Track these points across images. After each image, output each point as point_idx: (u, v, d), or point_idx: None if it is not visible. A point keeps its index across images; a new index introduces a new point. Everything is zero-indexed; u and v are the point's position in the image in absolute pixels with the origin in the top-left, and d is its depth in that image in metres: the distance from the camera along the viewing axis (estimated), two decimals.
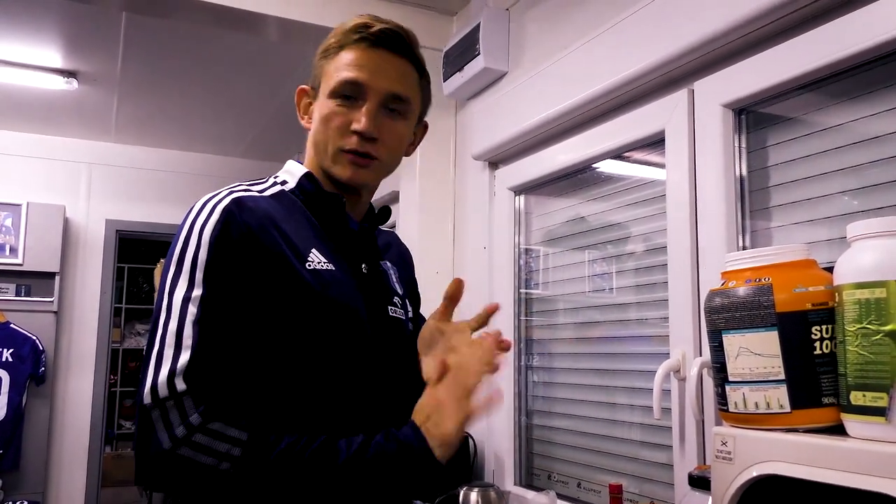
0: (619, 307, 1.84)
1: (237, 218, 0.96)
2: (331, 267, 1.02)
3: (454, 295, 1.08)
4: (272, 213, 1.00)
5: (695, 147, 1.53)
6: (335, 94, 1.05)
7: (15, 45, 3.22)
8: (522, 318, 2.20)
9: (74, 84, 3.58)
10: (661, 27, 1.59)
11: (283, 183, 1.10)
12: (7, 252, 4.21)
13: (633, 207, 1.81)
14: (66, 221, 4.43)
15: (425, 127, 1.23)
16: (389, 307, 1.14)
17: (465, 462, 2.22)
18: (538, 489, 2.01)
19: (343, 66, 1.05)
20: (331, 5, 2.43)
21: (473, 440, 2.26)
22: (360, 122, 1.03)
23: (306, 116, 1.13)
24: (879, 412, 0.83)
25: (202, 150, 4.87)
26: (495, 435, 2.19)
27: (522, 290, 2.21)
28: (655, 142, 1.67)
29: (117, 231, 4.64)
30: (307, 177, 1.10)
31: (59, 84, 3.56)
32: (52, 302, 4.30)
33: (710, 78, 1.51)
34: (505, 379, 2.16)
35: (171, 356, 0.88)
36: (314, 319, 0.98)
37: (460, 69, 2.38)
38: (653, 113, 1.66)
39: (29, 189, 4.41)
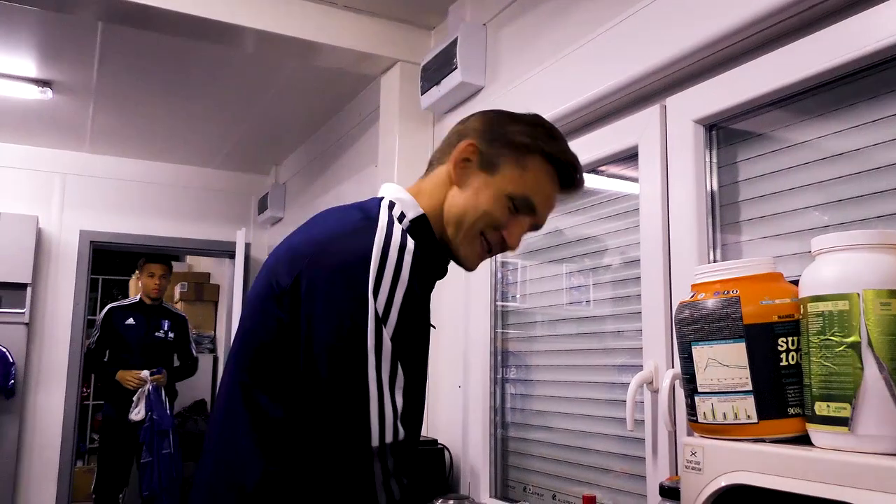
0: (595, 319, 1.86)
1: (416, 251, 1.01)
2: (433, 323, 1.10)
3: None
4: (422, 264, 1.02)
5: (667, 162, 1.56)
6: (514, 199, 1.07)
7: None
8: (499, 330, 2.21)
9: (49, 93, 3.54)
10: (634, 44, 1.62)
11: (401, 218, 1.06)
12: None
13: (608, 221, 1.83)
14: (38, 232, 4.37)
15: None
16: None
17: (438, 474, 2.21)
18: (513, 501, 2.02)
19: (535, 185, 1.08)
20: (308, 19, 2.44)
21: (449, 452, 2.26)
22: (513, 238, 1.09)
23: (463, 174, 1.09)
24: (843, 422, 0.84)
25: (178, 161, 4.84)
26: (471, 447, 2.19)
27: (499, 303, 2.22)
28: (629, 156, 1.69)
29: (91, 242, 4.58)
30: (423, 222, 1.08)
31: (34, 93, 3.52)
32: (23, 313, 4.23)
33: (681, 94, 1.54)
34: (481, 391, 2.17)
35: (400, 402, 0.96)
36: (425, 346, 1.06)
37: (437, 83, 2.40)
38: (626, 128, 1.68)
39: (1, 199, 4.35)
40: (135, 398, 3.89)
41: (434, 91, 2.42)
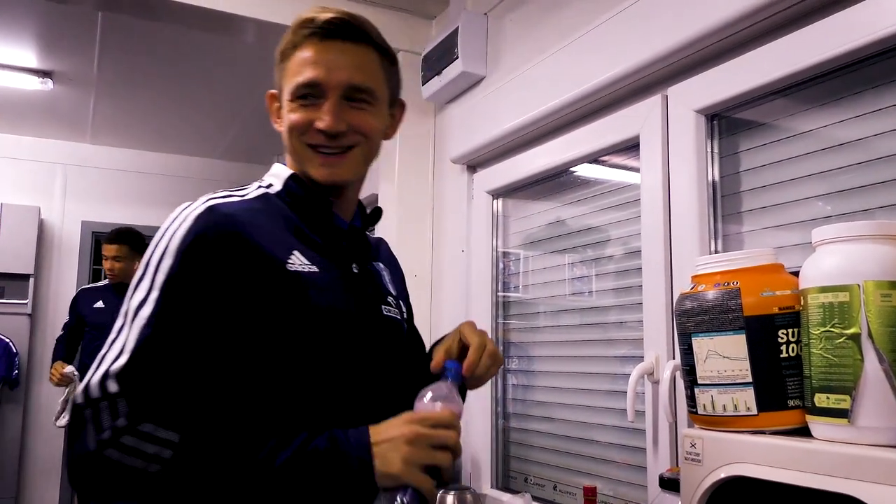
0: (597, 310, 1.85)
1: (209, 225, 0.94)
2: (314, 269, 1.00)
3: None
4: (250, 218, 0.98)
5: (668, 152, 1.55)
6: (296, 96, 1.03)
7: None
8: (500, 321, 2.21)
9: (50, 84, 3.54)
10: (635, 33, 1.60)
11: (269, 186, 1.08)
12: None
13: (610, 211, 1.82)
14: (40, 223, 4.38)
15: (402, 105, 1.19)
16: (383, 307, 1.11)
17: None
18: (514, 492, 2.02)
19: (298, 67, 1.02)
20: (308, 8, 2.42)
21: None
22: (323, 119, 1.01)
23: (279, 121, 1.09)
24: (843, 414, 0.84)
25: (180, 152, 4.84)
26: (472, 438, 2.19)
27: (500, 294, 2.22)
28: (631, 146, 1.68)
29: (93, 233, 4.59)
30: (293, 178, 1.07)
31: (35, 84, 3.52)
32: (26, 304, 4.24)
33: (683, 84, 1.53)
34: None
35: (111, 358, 0.87)
36: (294, 324, 0.96)
37: (439, 73, 2.38)
38: (627, 118, 1.67)
39: (3, 190, 4.36)
40: (60, 401, 3.29)
41: (435, 81, 2.41)
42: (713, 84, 1.45)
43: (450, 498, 1.93)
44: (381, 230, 2.65)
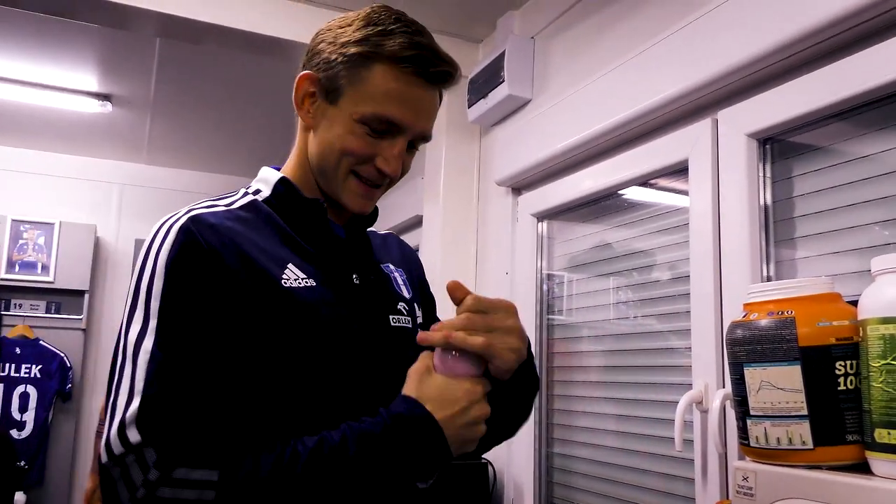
0: (643, 336, 1.82)
1: (195, 237, 0.86)
2: (310, 283, 0.91)
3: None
4: (238, 229, 0.90)
5: (718, 176, 1.52)
6: (367, 122, 0.91)
7: (53, 70, 3.32)
8: (545, 344, 2.19)
9: (108, 107, 3.67)
10: (685, 56, 1.59)
11: (256, 192, 1.00)
12: (39, 270, 4.30)
13: (658, 235, 1.80)
14: (96, 240, 4.52)
15: None
16: (392, 317, 1.02)
17: (482, 490, 2.20)
18: None
19: (385, 96, 0.90)
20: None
21: (493, 467, 2.24)
22: (390, 164, 0.93)
23: (310, 112, 0.97)
24: None
25: (231, 173, 4.95)
26: (515, 462, 2.17)
27: (546, 316, 2.20)
28: (679, 170, 1.66)
29: None
30: (282, 182, 0.98)
31: (94, 107, 3.65)
32: (80, 319, 4.37)
33: (734, 108, 1.50)
34: None
35: (122, 404, 0.79)
36: (292, 345, 0.88)
37: (485, 96, 2.40)
38: (676, 142, 1.65)
39: (61, 208, 4.51)
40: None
41: (481, 104, 2.42)
42: (766, 108, 1.42)
43: None
44: (425, 252, 2.66)
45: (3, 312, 4.25)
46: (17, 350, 4.14)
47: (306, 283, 0.91)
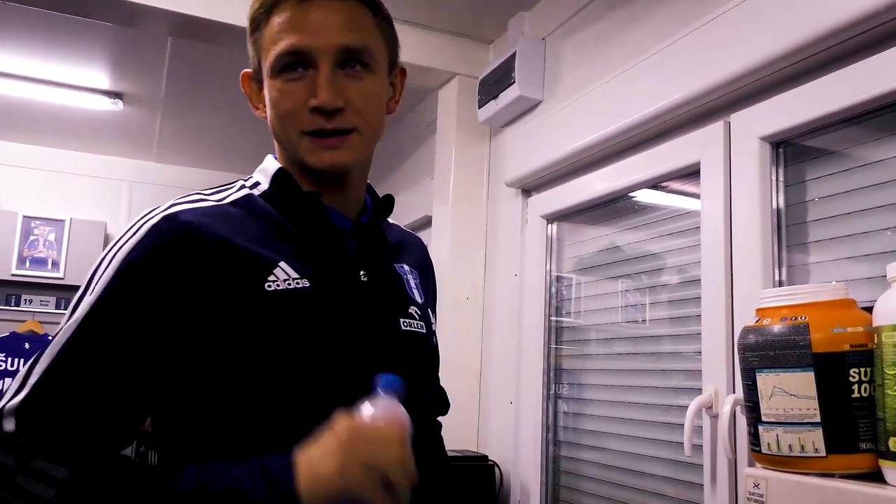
0: (652, 339, 1.81)
1: (165, 239, 0.81)
2: (303, 284, 0.84)
3: None
4: (223, 228, 0.84)
5: (730, 180, 1.51)
6: (277, 70, 0.87)
7: (65, 68, 3.33)
8: (552, 346, 2.18)
9: (120, 105, 3.67)
10: (697, 59, 1.58)
11: (255, 186, 0.94)
12: (49, 266, 4.32)
13: (668, 238, 1.79)
14: (106, 237, 4.53)
15: (403, 71, 1.00)
16: (402, 320, 0.93)
17: (488, 491, 2.19)
18: None
19: (276, 35, 0.86)
20: None
21: (500, 469, 2.24)
22: (317, 94, 0.84)
23: (260, 106, 0.95)
24: None
25: (241, 171, 4.90)
26: (521, 464, 2.16)
27: (553, 318, 2.20)
28: (691, 173, 1.65)
29: None
30: (280, 174, 0.92)
31: (105, 105, 3.66)
32: None
33: (747, 111, 1.49)
34: (534, 408, 2.14)
35: (12, 390, 0.77)
36: (267, 351, 0.81)
37: (495, 97, 2.39)
38: (688, 144, 1.64)
39: (72, 205, 4.53)
40: None
41: (492, 105, 2.41)
42: (779, 111, 1.41)
43: None
44: (434, 253, 2.65)
45: (13, 308, 4.27)
46: (27, 345, 4.16)
47: (297, 283, 0.84)
